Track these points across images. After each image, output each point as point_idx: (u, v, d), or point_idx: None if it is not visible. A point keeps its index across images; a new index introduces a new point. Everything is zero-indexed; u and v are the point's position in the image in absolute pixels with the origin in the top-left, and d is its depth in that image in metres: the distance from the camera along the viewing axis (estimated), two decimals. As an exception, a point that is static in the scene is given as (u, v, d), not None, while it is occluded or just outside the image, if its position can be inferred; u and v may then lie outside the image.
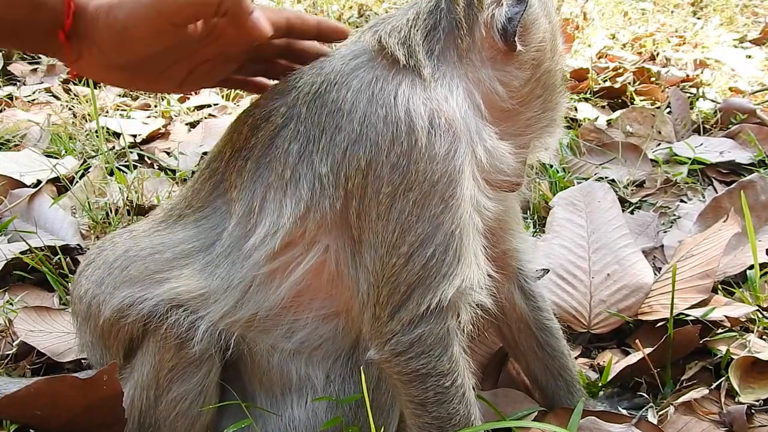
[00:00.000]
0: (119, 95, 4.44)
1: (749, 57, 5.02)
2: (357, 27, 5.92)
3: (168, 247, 1.64)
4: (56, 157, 3.38)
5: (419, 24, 1.56)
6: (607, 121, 3.80)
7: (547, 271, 2.23)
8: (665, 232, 2.70)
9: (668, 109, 3.76)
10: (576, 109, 3.95)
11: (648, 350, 1.90)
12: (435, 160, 1.46)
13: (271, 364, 1.65)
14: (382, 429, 1.66)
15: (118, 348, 1.66)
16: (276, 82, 1.75)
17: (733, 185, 2.63)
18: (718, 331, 2.00)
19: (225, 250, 1.60)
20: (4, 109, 4.12)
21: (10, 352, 2.12)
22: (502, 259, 1.76)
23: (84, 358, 2.06)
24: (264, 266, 1.56)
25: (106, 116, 4.03)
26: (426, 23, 1.57)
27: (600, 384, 1.96)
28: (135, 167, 3.25)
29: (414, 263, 1.46)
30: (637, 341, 1.95)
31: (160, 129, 3.86)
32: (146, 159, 3.50)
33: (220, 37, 1.64)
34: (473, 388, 1.57)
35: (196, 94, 2.52)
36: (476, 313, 1.57)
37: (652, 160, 3.29)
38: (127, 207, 2.88)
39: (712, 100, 4.01)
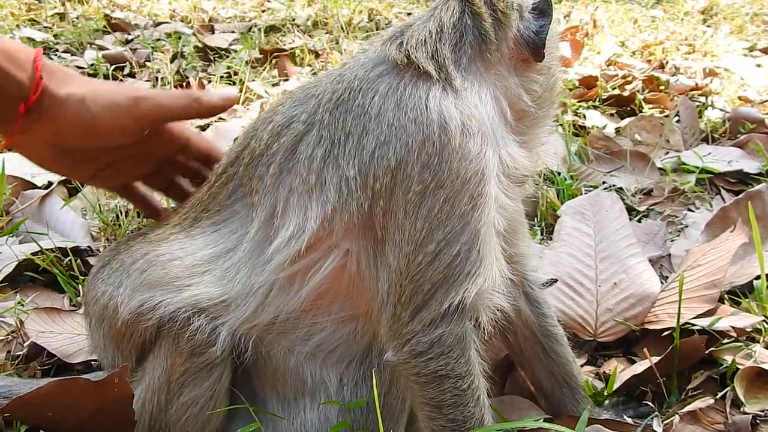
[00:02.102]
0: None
1: (759, 66, 5.01)
2: (367, 32, 5.96)
3: (188, 253, 1.66)
4: (67, 159, 3.39)
5: (445, 38, 1.61)
6: (616, 129, 3.80)
7: (555, 281, 2.25)
8: (672, 240, 2.71)
9: (677, 118, 3.76)
10: (585, 117, 3.96)
11: (655, 359, 1.91)
12: (468, 159, 1.50)
13: (287, 367, 1.67)
14: (390, 433, 1.67)
15: (131, 351, 1.68)
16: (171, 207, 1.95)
17: (741, 195, 2.63)
18: (724, 341, 2.00)
19: (246, 255, 1.62)
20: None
21: (21, 352, 2.13)
22: (510, 263, 1.78)
23: (94, 360, 2.07)
24: (285, 270, 1.58)
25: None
26: (452, 37, 1.61)
27: (606, 393, 1.97)
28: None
29: (440, 261, 1.49)
30: (645, 350, 1.95)
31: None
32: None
33: (150, 139, 1.82)
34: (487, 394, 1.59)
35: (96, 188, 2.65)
36: (495, 315, 1.60)
37: (660, 168, 3.29)
38: (137, 210, 2.89)
39: (721, 110, 4.01)
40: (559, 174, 3.13)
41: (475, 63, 1.62)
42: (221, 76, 4.76)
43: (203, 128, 3.92)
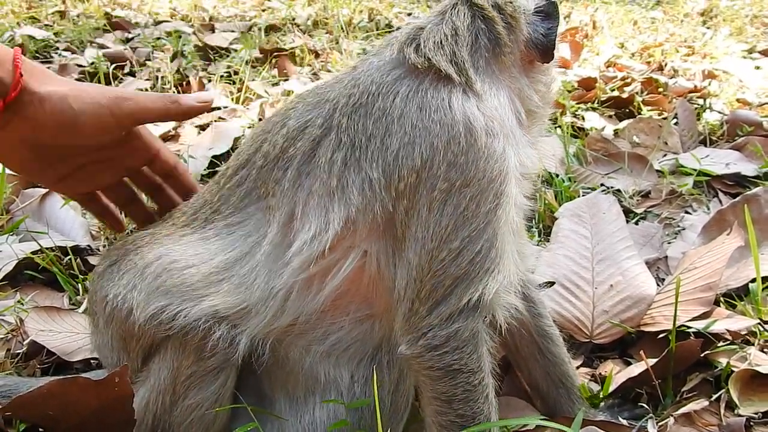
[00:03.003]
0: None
1: (758, 68, 5.02)
2: (368, 32, 5.97)
3: (203, 260, 1.66)
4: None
5: (461, 41, 1.64)
6: (614, 131, 3.82)
7: (552, 283, 2.26)
8: (669, 243, 2.72)
9: (675, 120, 3.78)
10: (583, 119, 3.97)
11: (651, 362, 1.92)
12: (493, 158, 1.54)
13: (302, 367, 1.68)
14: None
15: (138, 352, 1.68)
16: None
17: (738, 198, 2.64)
18: (719, 344, 2.02)
19: (264, 258, 1.63)
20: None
21: (21, 351, 2.15)
22: None
23: (93, 358, 2.09)
24: (305, 272, 1.60)
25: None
26: (467, 40, 1.64)
27: (601, 395, 1.98)
28: (145, 169, 3.27)
29: (462, 258, 1.52)
30: (641, 352, 1.96)
31: (170, 131, 3.88)
32: (156, 161, 3.52)
33: (122, 144, 1.86)
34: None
35: (64, 196, 2.62)
36: (509, 313, 1.63)
37: (657, 170, 3.30)
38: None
39: (719, 112, 4.02)
40: (557, 176, 3.15)
41: (490, 66, 1.66)
42: (221, 76, 4.77)
43: (203, 128, 3.93)
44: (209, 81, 4.69)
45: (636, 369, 2.00)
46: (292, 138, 1.67)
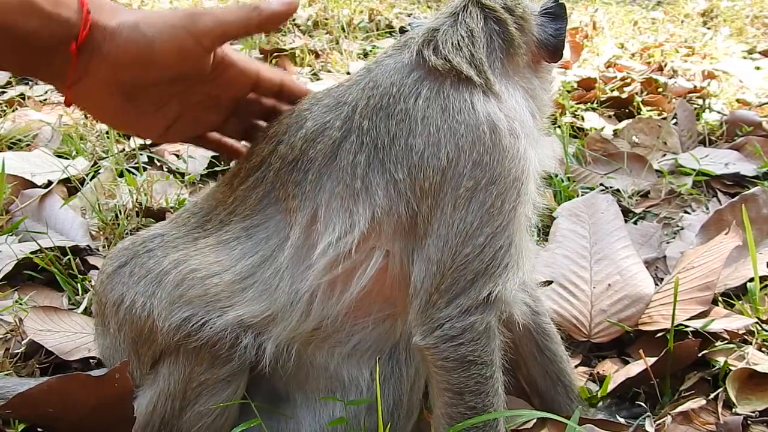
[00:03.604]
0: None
1: (758, 68, 5.02)
2: (368, 32, 5.97)
3: (225, 267, 1.65)
4: (67, 158, 3.40)
5: (478, 43, 1.66)
6: (614, 131, 3.82)
7: (550, 282, 2.26)
8: (668, 243, 2.72)
9: (674, 120, 3.78)
10: (583, 119, 3.97)
11: (650, 361, 1.92)
12: (517, 158, 1.57)
13: (325, 368, 1.69)
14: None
15: (149, 356, 1.67)
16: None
17: (736, 198, 2.65)
18: (717, 343, 2.02)
19: (287, 261, 1.63)
20: (17, 109, 4.14)
21: (20, 350, 2.15)
22: None
23: (92, 357, 2.09)
24: (329, 273, 1.60)
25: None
26: (483, 42, 1.67)
27: (599, 395, 1.98)
28: (144, 169, 3.29)
29: (485, 253, 1.54)
30: (641, 351, 1.97)
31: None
32: (156, 161, 3.53)
33: (218, 78, 1.73)
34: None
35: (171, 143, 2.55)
36: (524, 310, 1.66)
37: (657, 170, 3.31)
38: (137, 209, 2.91)
39: (719, 112, 4.03)
40: (556, 175, 3.15)
41: (505, 67, 1.69)
42: (221, 76, 4.75)
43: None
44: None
45: (634, 368, 2.00)
46: (311, 140, 1.66)
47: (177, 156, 3.58)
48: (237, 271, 1.64)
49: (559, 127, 3.66)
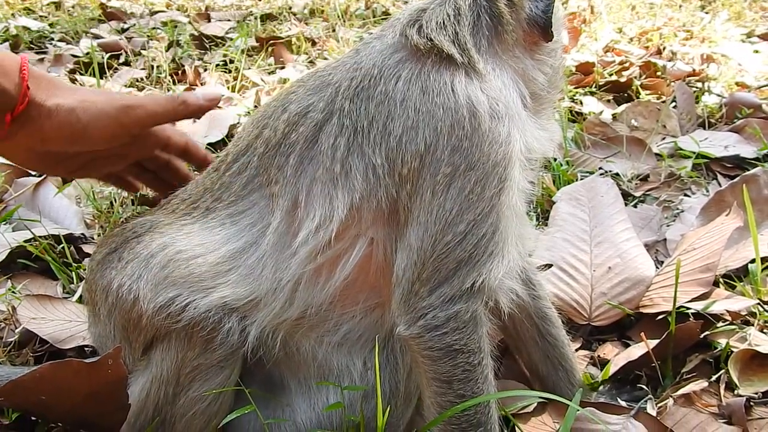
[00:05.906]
0: (125, 85, 4.45)
1: (756, 52, 4.98)
2: (364, 20, 5.93)
3: (209, 249, 1.63)
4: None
5: (463, 20, 1.61)
6: (612, 114, 3.79)
7: (550, 265, 2.24)
8: (668, 225, 2.70)
9: (674, 104, 3.75)
10: (581, 103, 3.94)
11: (651, 343, 1.91)
12: (498, 142, 1.53)
13: (314, 358, 1.67)
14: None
15: (141, 342, 1.65)
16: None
17: (736, 179, 2.63)
18: (719, 325, 2.00)
19: (270, 248, 1.60)
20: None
21: (13, 339, 2.13)
22: None
23: (86, 346, 2.08)
24: (312, 262, 1.58)
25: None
26: (469, 20, 1.62)
27: (601, 380, 1.97)
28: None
29: (467, 241, 1.51)
30: (642, 334, 1.95)
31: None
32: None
33: (135, 142, 1.88)
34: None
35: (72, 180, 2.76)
36: (511, 298, 1.62)
37: (656, 154, 3.28)
38: (131, 197, 2.89)
39: (718, 95, 3.99)
40: (555, 160, 3.12)
41: (493, 46, 1.64)
42: (217, 65, 4.75)
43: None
44: (205, 70, 4.67)
45: (635, 351, 1.98)
46: (293, 123, 1.64)
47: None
48: (221, 254, 1.63)
49: (557, 111, 3.63)
